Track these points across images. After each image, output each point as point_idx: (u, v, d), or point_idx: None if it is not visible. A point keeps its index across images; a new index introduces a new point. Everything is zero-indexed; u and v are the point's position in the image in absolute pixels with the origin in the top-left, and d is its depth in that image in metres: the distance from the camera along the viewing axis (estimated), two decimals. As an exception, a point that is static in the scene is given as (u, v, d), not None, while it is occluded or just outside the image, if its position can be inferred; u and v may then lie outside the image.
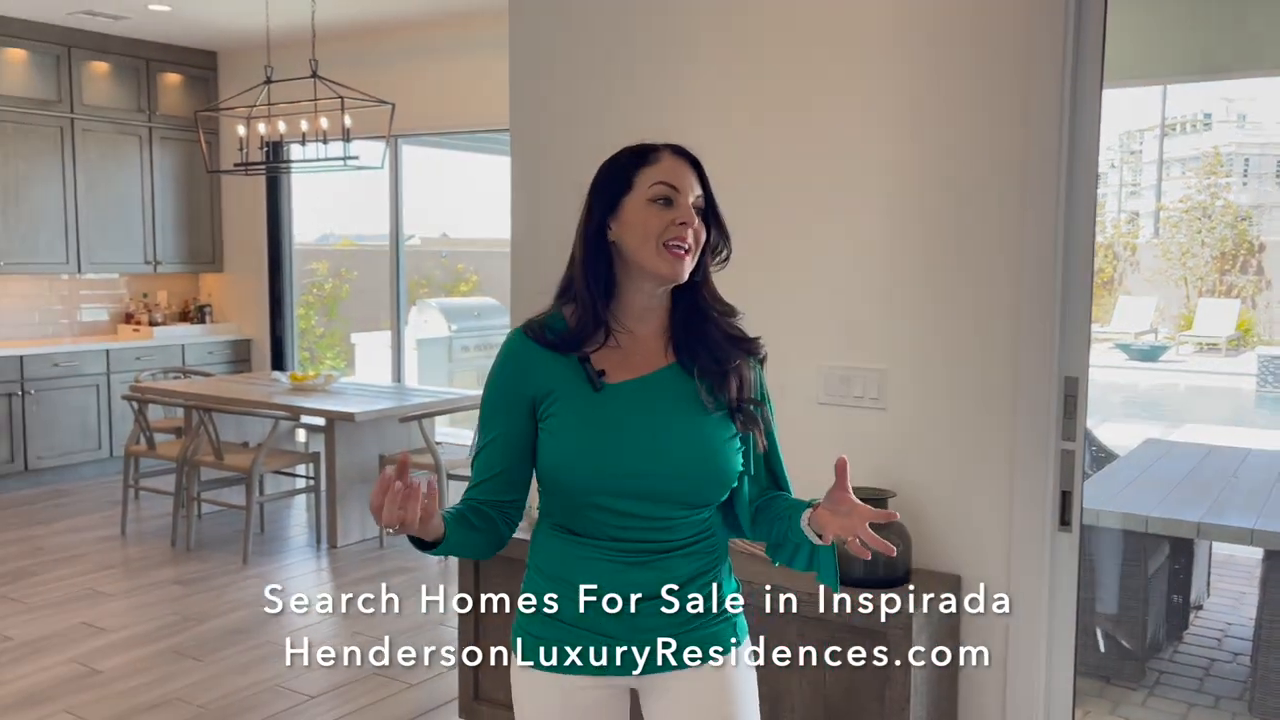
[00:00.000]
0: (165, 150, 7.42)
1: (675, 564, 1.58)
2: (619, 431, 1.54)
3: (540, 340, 1.60)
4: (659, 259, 1.54)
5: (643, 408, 1.56)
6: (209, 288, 7.96)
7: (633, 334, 1.61)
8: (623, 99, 3.07)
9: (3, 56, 6.54)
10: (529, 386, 1.59)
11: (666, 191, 1.56)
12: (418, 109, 6.48)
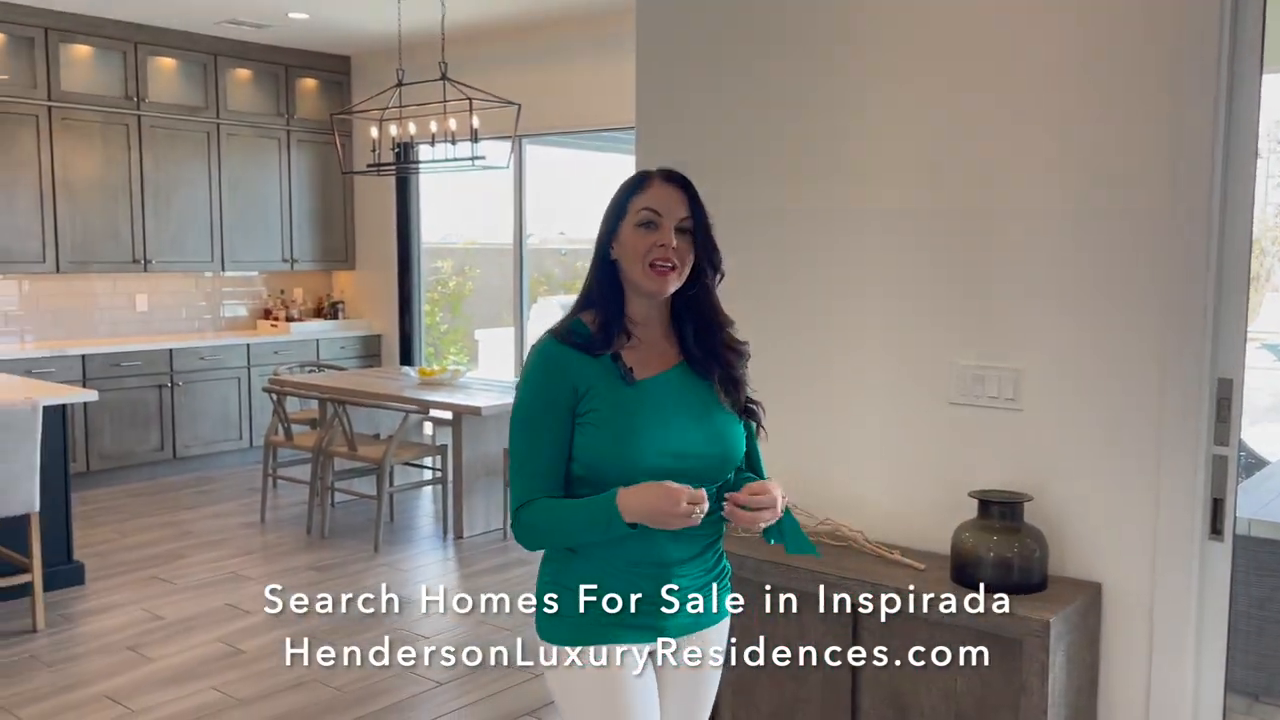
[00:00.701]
0: (302, 153, 7.73)
1: (700, 532, 1.78)
2: (655, 419, 1.75)
3: (571, 344, 1.78)
4: (645, 277, 1.76)
5: (672, 399, 1.78)
6: (342, 285, 8.26)
7: (641, 337, 1.82)
8: (751, 97, 3.05)
9: (156, 66, 6.92)
10: (569, 388, 1.76)
11: (650, 216, 1.77)
12: (542, 109, 6.57)
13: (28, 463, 4.01)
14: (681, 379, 1.81)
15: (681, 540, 1.76)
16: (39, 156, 6.41)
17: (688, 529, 1.70)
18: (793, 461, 3.03)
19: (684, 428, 1.77)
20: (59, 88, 6.45)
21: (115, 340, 6.87)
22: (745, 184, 3.08)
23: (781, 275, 3.03)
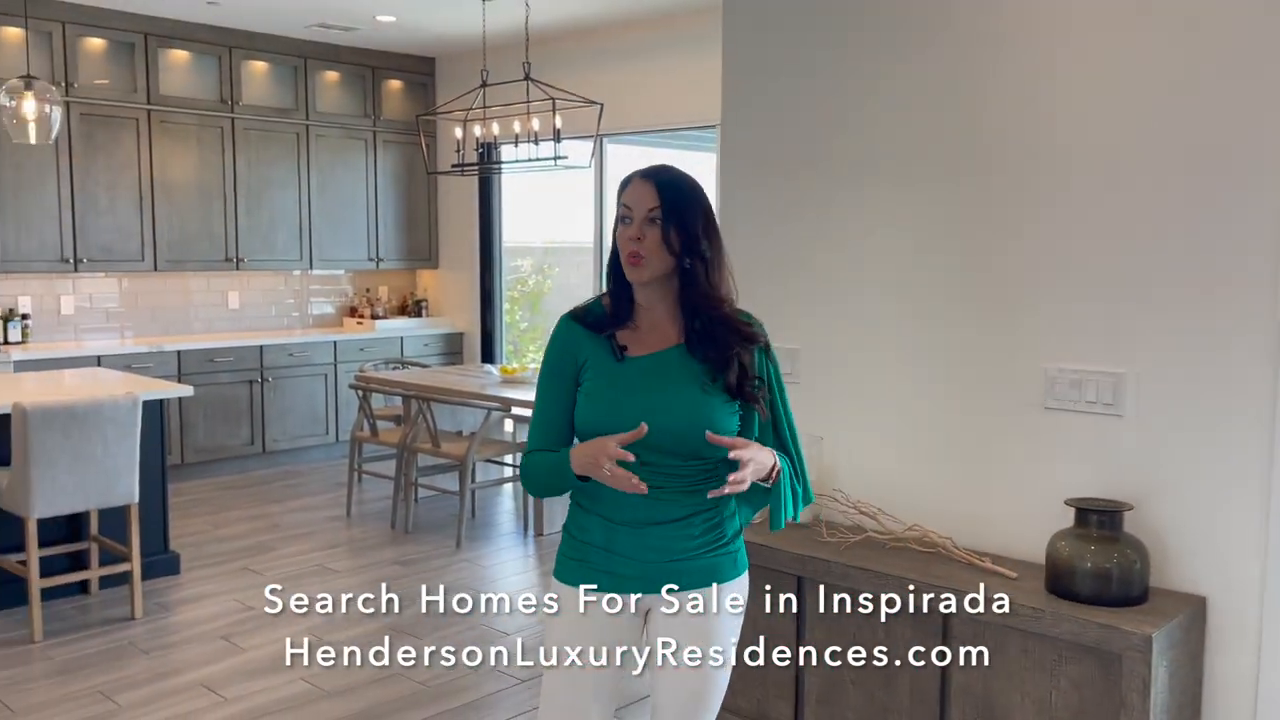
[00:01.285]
0: (387, 153, 7.86)
1: (677, 500, 1.93)
2: (631, 393, 1.93)
3: (582, 322, 2.00)
4: (625, 265, 1.93)
5: (656, 376, 1.94)
6: (425, 283, 8.39)
7: (646, 318, 1.98)
8: (843, 91, 3.00)
9: (249, 70, 7.10)
10: (573, 358, 1.99)
11: (625, 212, 1.94)
12: (624, 108, 6.58)
13: (128, 456, 4.15)
14: (674, 358, 1.95)
15: (660, 504, 1.92)
16: (139, 159, 6.63)
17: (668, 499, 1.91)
18: (879, 465, 2.98)
19: (658, 402, 1.90)
20: (158, 92, 6.67)
21: (209, 337, 7.08)
22: (831, 182, 3.04)
23: (869, 277, 2.99)
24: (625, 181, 1.97)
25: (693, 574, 1.96)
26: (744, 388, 1.93)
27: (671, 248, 1.90)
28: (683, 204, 1.91)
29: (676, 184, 1.93)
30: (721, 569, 1.98)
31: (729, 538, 2.00)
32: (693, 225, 1.90)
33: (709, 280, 1.93)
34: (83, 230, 6.42)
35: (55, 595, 4.35)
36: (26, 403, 3.91)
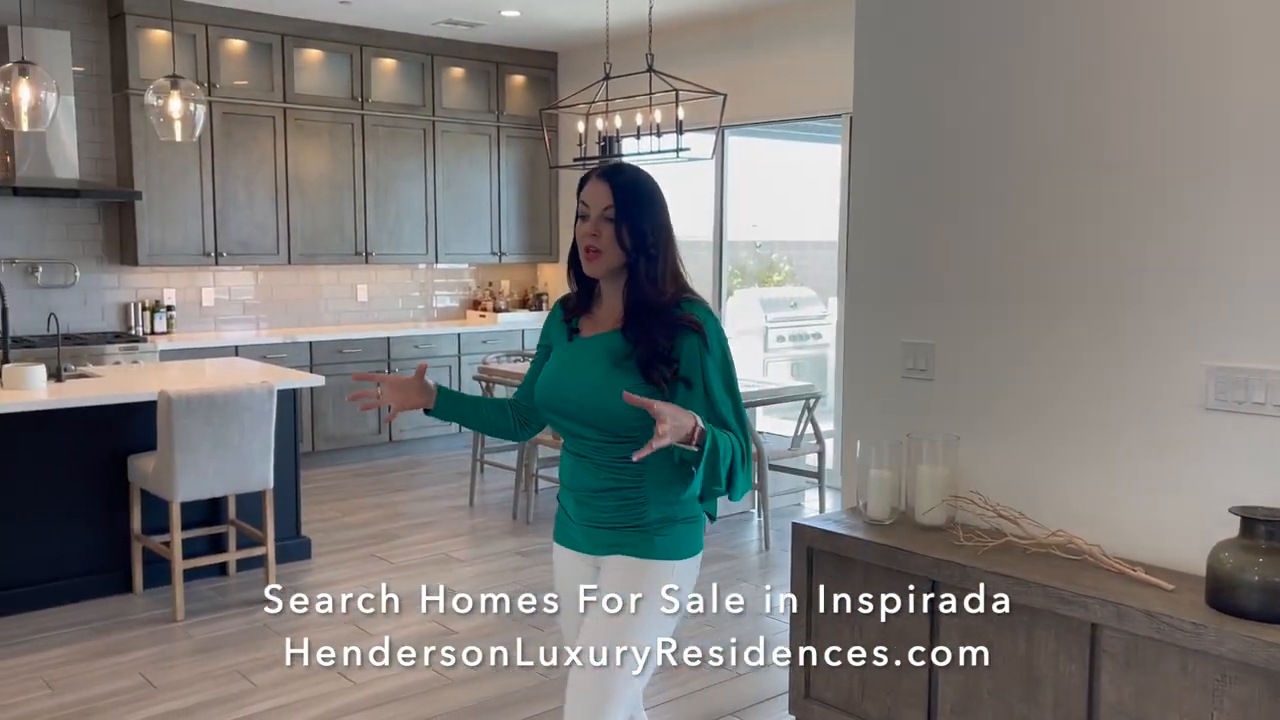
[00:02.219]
0: (510, 148, 7.95)
1: (600, 473, 2.09)
2: (560, 371, 2.15)
3: (564, 307, 2.24)
4: (583, 260, 2.09)
5: (585, 356, 2.12)
6: (546, 277, 8.46)
7: (605, 306, 2.15)
8: (977, 80, 2.87)
9: (378, 67, 7.28)
10: (548, 336, 2.26)
11: (583, 209, 2.08)
12: (747, 98, 6.49)
13: (264, 443, 4.28)
14: (608, 341, 2.10)
15: (587, 474, 2.11)
16: (274, 156, 6.86)
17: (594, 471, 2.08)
18: (1020, 466, 2.84)
19: (575, 381, 2.10)
20: (293, 90, 6.88)
21: (338, 328, 7.29)
22: (974, 173, 2.91)
23: (1014, 270, 2.85)
24: (582, 181, 2.11)
25: (608, 542, 2.12)
26: (651, 367, 2.03)
27: (623, 244, 2.04)
28: (634, 204, 2.05)
29: (630, 186, 2.06)
30: (633, 545, 2.10)
31: (649, 520, 2.09)
32: (642, 225, 2.05)
33: (650, 275, 2.06)
34: (223, 225, 6.68)
35: (196, 576, 4.53)
36: (171, 391, 4.07)
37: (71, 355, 5.70)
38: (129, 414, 4.39)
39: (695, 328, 2.04)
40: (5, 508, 4.19)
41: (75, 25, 6.26)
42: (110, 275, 6.58)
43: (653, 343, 2.03)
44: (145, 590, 4.47)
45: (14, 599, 4.18)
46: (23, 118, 4.20)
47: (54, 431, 4.28)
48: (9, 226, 6.20)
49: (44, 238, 6.32)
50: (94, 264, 6.51)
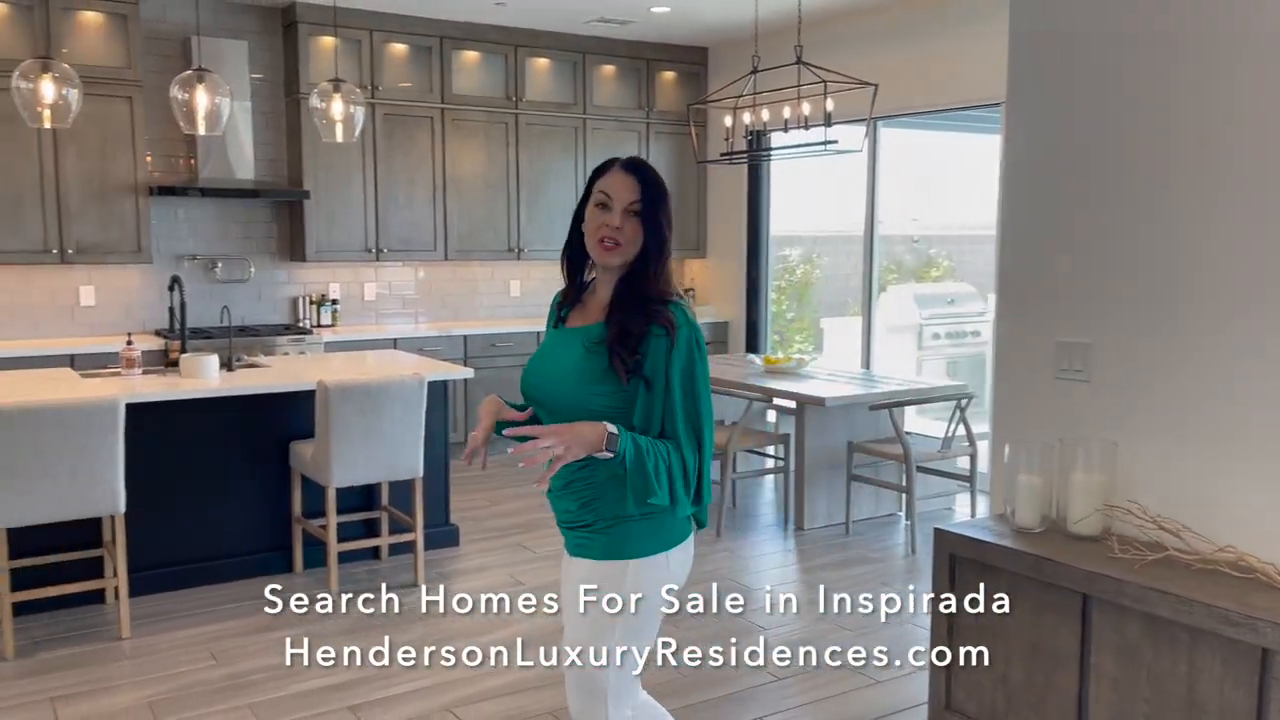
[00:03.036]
0: (660, 144, 7.98)
1: (563, 468, 1.95)
2: (539, 359, 2.16)
3: (563, 296, 2.23)
4: (595, 249, 2.06)
5: (559, 345, 2.13)
6: (693, 272, 8.46)
7: (597, 296, 2.13)
8: (1143, 65, 2.68)
9: (532, 67, 7.42)
10: (548, 327, 2.26)
11: (603, 199, 2.04)
12: (899, 89, 6.31)
13: (415, 432, 4.43)
14: (589, 332, 2.08)
15: (562, 469, 1.96)
16: (433, 156, 7.09)
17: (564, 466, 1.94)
18: (1184, 476, 2.65)
19: (549, 368, 2.11)
20: (450, 91, 7.10)
21: (491, 323, 7.49)
22: (1136, 162, 2.73)
23: (1182, 268, 2.65)
24: (604, 167, 2.08)
25: (574, 545, 2.14)
26: (613, 350, 2.00)
27: (644, 239, 2.04)
28: (657, 202, 2.05)
29: (654, 182, 2.06)
30: (590, 546, 2.09)
31: (602, 519, 2.06)
32: (661, 222, 2.05)
33: (654, 271, 2.05)
34: (384, 223, 6.96)
35: (350, 558, 4.73)
36: (328, 381, 4.26)
37: (245, 346, 6.05)
38: (292, 402, 4.62)
39: (668, 328, 1.99)
40: (181, 488, 4.48)
41: (252, 35, 6.64)
42: (281, 271, 6.95)
43: (624, 326, 2.00)
44: (305, 570, 4.69)
45: (187, 574, 4.46)
46: (200, 122, 4.47)
47: (225, 417, 4.55)
48: (193, 225, 6.63)
49: (223, 236, 6.73)
50: (267, 260, 6.89)
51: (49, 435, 3.70)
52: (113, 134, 6.03)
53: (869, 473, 5.52)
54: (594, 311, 2.11)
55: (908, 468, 5.13)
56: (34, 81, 4.17)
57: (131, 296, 6.45)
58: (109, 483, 3.84)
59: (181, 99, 4.45)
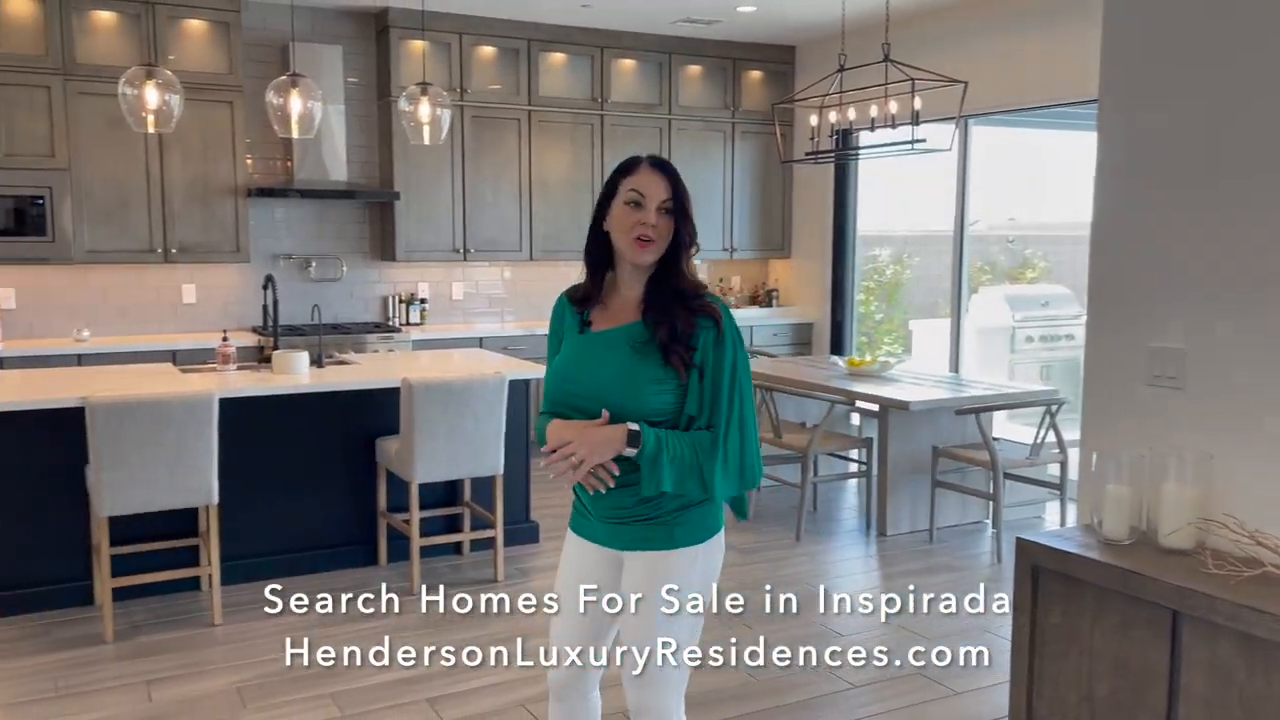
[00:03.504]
0: (745, 144, 7.94)
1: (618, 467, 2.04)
2: (574, 363, 2.14)
3: (572, 299, 2.22)
4: (630, 247, 2.08)
5: (599, 348, 2.13)
6: (776, 273, 8.40)
7: (621, 296, 2.16)
8: (1241, 62, 2.57)
9: (617, 68, 7.46)
10: (558, 331, 2.24)
11: (636, 197, 2.08)
12: (989, 87, 6.17)
13: (495, 430, 4.49)
14: (628, 333, 2.11)
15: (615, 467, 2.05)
16: (519, 157, 7.18)
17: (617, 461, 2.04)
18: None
19: (592, 374, 2.10)
20: (537, 93, 7.18)
21: (575, 322, 7.53)
22: (1237, 160, 2.61)
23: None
24: (630, 165, 2.13)
25: (632, 539, 2.14)
26: (670, 348, 2.05)
27: (675, 236, 2.09)
28: (685, 199, 2.11)
29: (680, 179, 2.13)
30: (655, 538, 2.12)
31: (667, 509, 2.11)
32: (690, 218, 2.12)
33: (683, 267, 2.11)
34: (471, 223, 7.08)
35: (433, 553, 4.82)
36: (412, 379, 4.35)
37: (335, 344, 6.22)
38: (378, 399, 4.73)
39: (715, 318, 2.09)
40: (272, 481, 4.62)
41: (346, 40, 6.81)
42: (372, 270, 7.12)
43: (674, 325, 2.06)
44: (389, 564, 4.80)
45: (276, 564, 4.60)
46: (293, 125, 4.61)
47: (314, 412, 4.68)
48: (288, 225, 6.83)
49: (318, 236, 6.92)
50: (359, 259, 7.07)
51: (149, 427, 3.85)
52: (214, 138, 6.26)
53: (954, 479, 5.41)
54: (623, 312, 2.14)
55: (995, 474, 5.01)
56: (139, 88, 4.35)
57: (230, 294, 6.68)
58: (204, 474, 3.99)
59: (276, 104, 4.59)
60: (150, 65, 4.42)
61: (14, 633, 4.00)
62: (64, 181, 5.85)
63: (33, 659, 3.76)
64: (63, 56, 5.81)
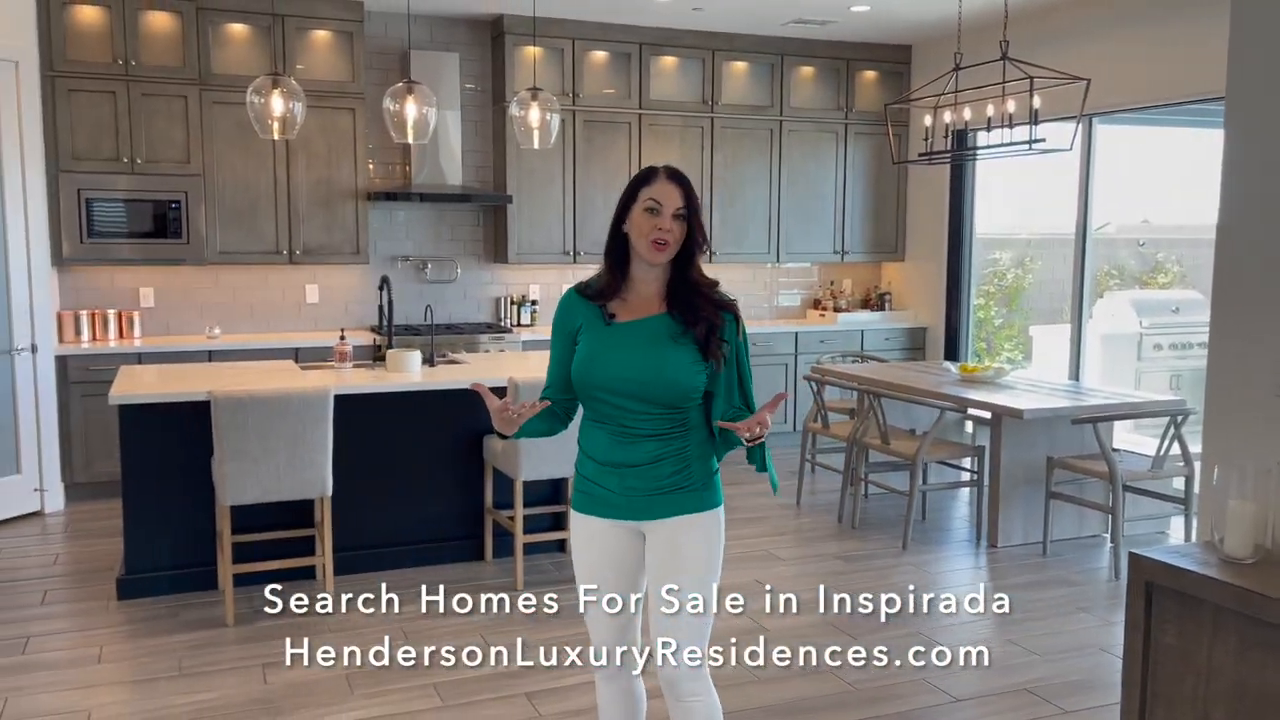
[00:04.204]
0: (858, 145, 7.83)
1: (646, 445, 2.34)
2: (606, 352, 2.34)
3: (583, 294, 2.42)
4: (648, 250, 2.32)
5: (634, 338, 2.35)
6: (889, 276, 8.24)
7: (638, 292, 2.39)
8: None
9: (728, 70, 7.45)
10: (571, 323, 2.42)
11: (653, 204, 2.32)
12: (1114, 83, 5.94)
13: (598, 430, 4.53)
14: (655, 324, 2.35)
15: (633, 449, 2.34)
16: (629, 160, 7.23)
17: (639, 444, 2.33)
18: None
19: (633, 359, 2.32)
20: (648, 96, 7.22)
21: (682, 324, 7.54)
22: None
23: None
24: (648, 175, 2.35)
25: (664, 506, 2.36)
26: (709, 343, 2.33)
27: (689, 238, 2.34)
28: (695, 205, 2.35)
29: (692, 189, 2.36)
30: (688, 503, 2.36)
31: (696, 478, 2.36)
32: (701, 224, 2.36)
33: (697, 266, 2.39)
34: (581, 226, 7.16)
35: (537, 550, 4.90)
36: (517, 378, 4.43)
37: (449, 343, 6.37)
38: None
39: (734, 312, 2.39)
40: (383, 475, 4.77)
41: (463, 47, 6.98)
42: (486, 272, 7.28)
43: (709, 321, 2.34)
44: (494, 559, 4.90)
45: (386, 556, 4.74)
46: (409, 130, 4.75)
47: (424, 409, 4.82)
48: (406, 228, 7.04)
49: (434, 238, 7.12)
50: (473, 261, 7.23)
51: (268, 421, 4.03)
52: (337, 143, 6.50)
53: (1071, 490, 5.22)
54: (645, 305, 2.39)
55: (1113, 487, 4.82)
56: (265, 96, 4.55)
57: (350, 294, 6.92)
58: (319, 466, 4.15)
59: (392, 109, 4.74)
60: (276, 74, 4.61)
61: (144, 612, 4.23)
62: (198, 186, 6.16)
63: (159, 639, 3.98)
64: (199, 68, 6.12)
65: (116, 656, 3.83)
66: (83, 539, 5.28)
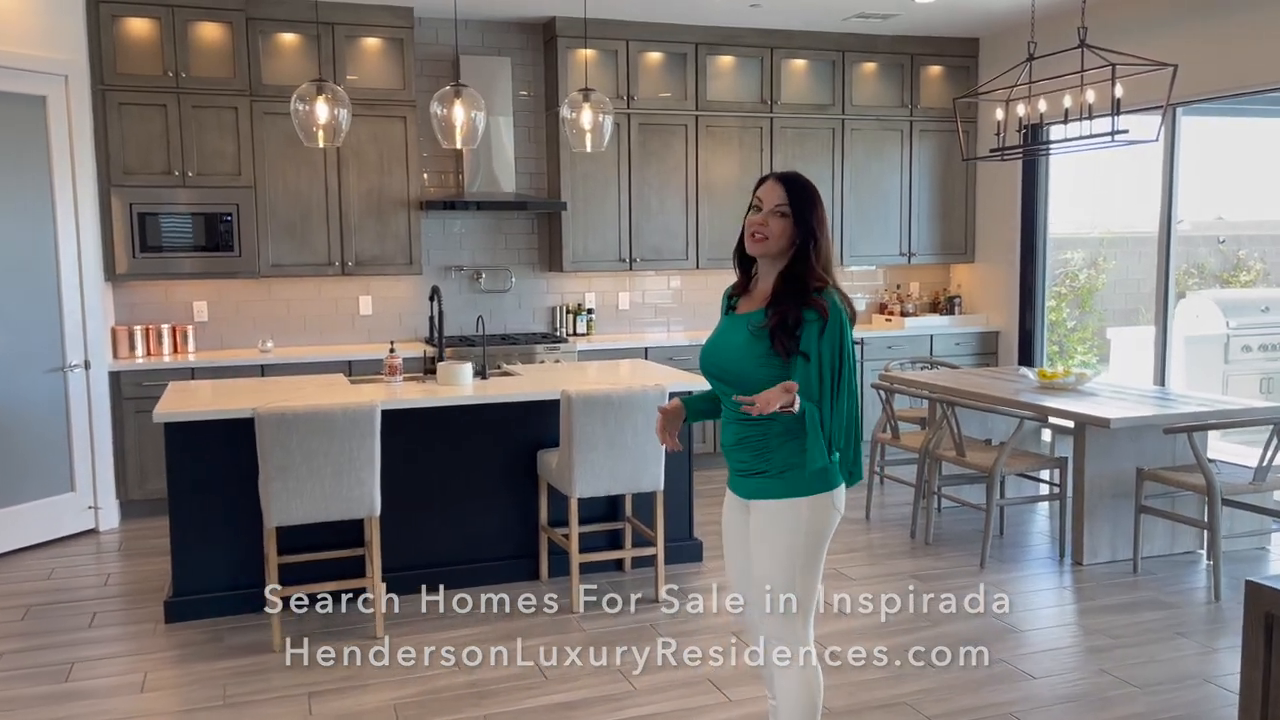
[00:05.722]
0: (924, 143, 7.53)
1: (732, 428, 2.57)
2: (715, 338, 2.62)
3: (734, 289, 2.66)
4: (748, 242, 2.55)
5: (731, 327, 2.58)
6: (959, 278, 7.92)
7: (759, 286, 2.58)
8: None
9: (788, 69, 7.20)
10: (722, 312, 2.68)
11: (757, 203, 2.55)
12: (1201, 71, 5.59)
13: (656, 444, 4.32)
14: (755, 317, 2.52)
15: (736, 428, 2.56)
16: (686, 163, 7.03)
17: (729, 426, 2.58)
18: None
19: (718, 347, 2.58)
20: (705, 98, 7.01)
21: (743, 331, 7.31)
22: None
23: None
24: (762, 179, 2.56)
25: (750, 488, 2.57)
26: (775, 336, 2.45)
27: (791, 234, 2.49)
28: (805, 204, 2.50)
29: (801, 187, 2.53)
30: (766, 489, 2.53)
31: (776, 466, 2.50)
32: (809, 218, 2.50)
33: (808, 264, 2.49)
34: (637, 232, 6.97)
35: (594, 569, 4.70)
36: (572, 391, 4.24)
37: (504, 354, 6.22)
38: (540, 410, 4.65)
39: (821, 312, 2.44)
40: (436, 491, 4.62)
41: (515, 51, 6.84)
42: (540, 280, 7.12)
43: (784, 315, 2.45)
44: (550, 579, 4.71)
45: (438, 576, 4.56)
46: (457, 136, 4.60)
47: (477, 423, 4.65)
48: (460, 237, 6.91)
49: (488, 247, 6.98)
50: (527, 270, 7.08)
51: (312, 438, 3.89)
52: (389, 152, 6.39)
53: (1163, 504, 4.88)
54: (758, 300, 2.57)
55: (1210, 500, 4.48)
56: (310, 103, 4.43)
57: (404, 305, 6.81)
58: (366, 485, 4.00)
59: (440, 114, 4.59)
60: (320, 80, 4.49)
61: (191, 637, 4.12)
62: (250, 199, 6.09)
63: (205, 664, 3.85)
64: (249, 79, 6.06)
65: (160, 684, 3.70)
66: (135, 558, 5.21)
